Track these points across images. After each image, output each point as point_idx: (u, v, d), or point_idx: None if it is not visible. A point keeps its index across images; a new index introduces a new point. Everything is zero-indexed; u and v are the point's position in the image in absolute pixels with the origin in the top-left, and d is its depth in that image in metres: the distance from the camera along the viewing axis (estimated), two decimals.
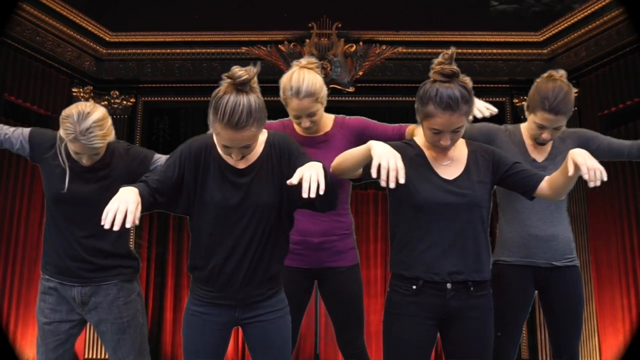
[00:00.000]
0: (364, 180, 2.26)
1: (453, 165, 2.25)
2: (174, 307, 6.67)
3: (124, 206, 1.86)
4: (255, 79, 2.03)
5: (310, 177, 1.89)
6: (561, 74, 2.68)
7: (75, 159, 2.57)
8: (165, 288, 6.78)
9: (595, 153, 2.25)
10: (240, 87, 2.00)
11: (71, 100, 6.26)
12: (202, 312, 2.22)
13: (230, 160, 2.13)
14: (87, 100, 6.54)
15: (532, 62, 6.69)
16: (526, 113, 2.79)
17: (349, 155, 2.19)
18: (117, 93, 6.82)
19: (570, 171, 2.05)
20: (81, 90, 6.62)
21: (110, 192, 2.02)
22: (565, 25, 6.40)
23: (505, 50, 6.73)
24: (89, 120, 2.44)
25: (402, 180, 1.94)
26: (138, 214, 1.90)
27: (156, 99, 6.99)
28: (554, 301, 2.77)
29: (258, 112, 2.00)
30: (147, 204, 2.02)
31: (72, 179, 2.56)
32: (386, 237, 2.60)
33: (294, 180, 1.90)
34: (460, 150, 2.29)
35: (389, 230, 2.33)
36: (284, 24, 6.61)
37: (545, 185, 2.23)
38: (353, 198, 3.01)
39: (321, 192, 1.86)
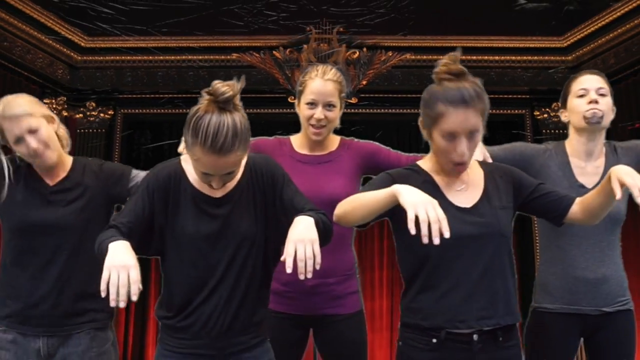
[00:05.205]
0: (368, 226, 2.13)
1: (469, 190, 2.12)
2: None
3: (124, 275, 1.74)
4: (239, 95, 1.95)
5: (304, 254, 1.81)
6: None
7: (27, 160, 2.41)
8: (147, 326, 6.69)
9: None
10: (224, 105, 1.90)
11: None
12: None
13: (204, 189, 2.06)
14: (60, 112, 6.45)
15: (554, 70, 6.61)
16: (562, 116, 2.66)
17: (363, 202, 1.99)
18: (94, 104, 6.72)
19: (618, 195, 1.92)
20: (54, 101, 6.44)
21: (83, 216, 1.99)
22: (592, 29, 6.26)
23: (525, 57, 6.64)
24: (15, 100, 2.43)
25: (447, 234, 1.79)
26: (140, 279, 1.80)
27: (137, 111, 6.88)
28: (602, 349, 2.61)
29: (244, 133, 1.93)
30: None
31: (37, 203, 2.42)
32: (393, 263, 2.38)
33: (288, 268, 1.79)
34: (475, 172, 2.16)
35: (400, 273, 2.19)
36: (279, 28, 6.37)
37: (577, 208, 2.11)
38: None
39: (317, 267, 1.80)
